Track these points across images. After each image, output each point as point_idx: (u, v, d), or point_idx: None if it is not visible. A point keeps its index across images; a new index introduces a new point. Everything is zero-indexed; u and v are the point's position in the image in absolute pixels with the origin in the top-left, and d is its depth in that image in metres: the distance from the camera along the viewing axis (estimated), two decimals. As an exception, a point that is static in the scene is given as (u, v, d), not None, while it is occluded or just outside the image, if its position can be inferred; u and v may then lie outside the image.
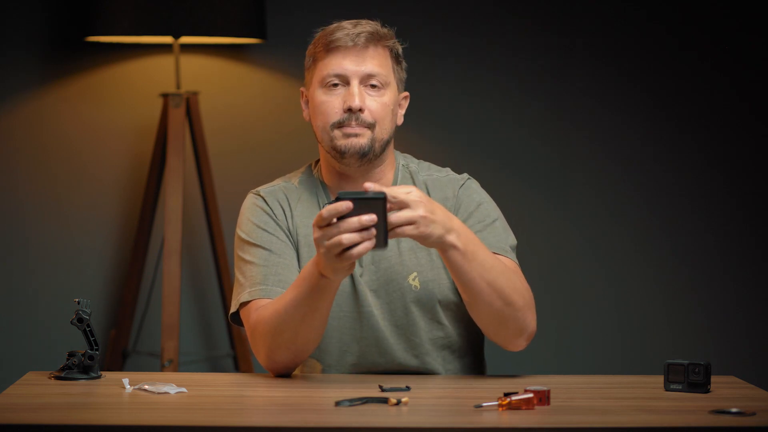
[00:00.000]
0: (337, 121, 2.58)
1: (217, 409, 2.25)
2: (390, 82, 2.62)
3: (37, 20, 4.29)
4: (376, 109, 2.59)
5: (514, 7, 4.42)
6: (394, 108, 2.64)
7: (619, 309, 4.46)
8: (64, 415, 2.18)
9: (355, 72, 2.59)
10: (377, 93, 2.60)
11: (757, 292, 4.49)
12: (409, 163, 2.71)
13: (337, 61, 2.59)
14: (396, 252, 2.62)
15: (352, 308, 2.61)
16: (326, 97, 2.60)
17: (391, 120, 2.62)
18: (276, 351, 2.49)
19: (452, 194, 2.65)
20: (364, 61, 2.59)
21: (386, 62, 2.62)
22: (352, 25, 2.61)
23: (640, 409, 2.26)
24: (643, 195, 4.47)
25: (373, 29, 2.61)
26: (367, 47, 2.60)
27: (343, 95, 2.58)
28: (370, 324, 2.60)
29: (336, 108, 2.58)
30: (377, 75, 2.60)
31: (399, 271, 2.61)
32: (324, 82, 2.60)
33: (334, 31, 2.61)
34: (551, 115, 4.44)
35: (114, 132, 4.35)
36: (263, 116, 4.38)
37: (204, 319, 4.42)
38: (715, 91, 4.47)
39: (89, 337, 2.48)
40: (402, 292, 2.60)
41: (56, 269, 4.34)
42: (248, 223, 2.64)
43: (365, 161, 2.60)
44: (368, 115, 2.58)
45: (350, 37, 2.59)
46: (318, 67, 2.62)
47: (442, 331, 2.63)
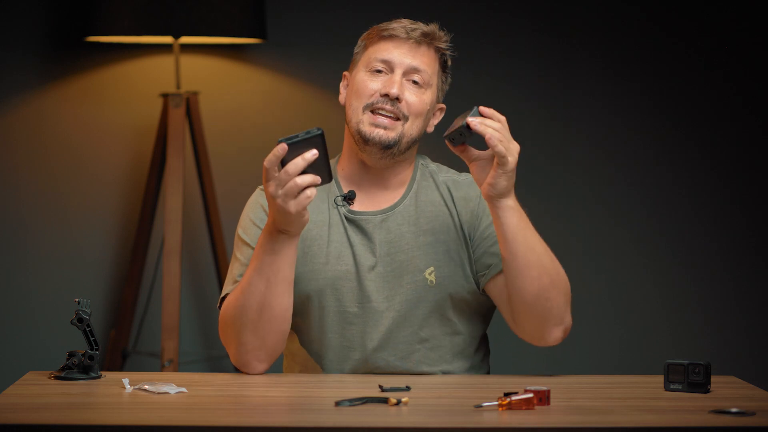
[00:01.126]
0: (370, 103, 2.59)
1: (217, 409, 2.25)
2: (432, 84, 2.63)
3: (37, 20, 4.29)
4: (414, 103, 2.60)
5: (513, 7, 4.42)
6: (430, 111, 2.64)
7: (618, 309, 4.47)
8: (64, 415, 2.18)
9: (401, 62, 2.60)
10: (418, 89, 2.61)
11: (757, 292, 4.49)
12: (428, 164, 2.72)
13: (388, 48, 2.61)
14: (414, 245, 2.62)
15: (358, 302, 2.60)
16: (367, 79, 2.61)
17: (424, 121, 2.63)
18: (243, 333, 2.49)
19: (475, 194, 2.66)
20: (413, 55, 2.61)
21: (433, 64, 2.64)
22: (409, 21, 2.64)
23: (640, 409, 2.26)
24: (643, 195, 4.47)
25: (430, 29, 2.64)
26: (420, 44, 2.62)
27: (384, 81, 2.59)
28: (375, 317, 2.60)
29: (373, 89, 2.59)
30: (422, 72, 2.61)
31: (416, 264, 2.61)
32: (369, 65, 2.61)
33: (391, 22, 2.64)
34: (550, 116, 4.44)
35: (114, 132, 4.35)
36: (263, 116, 4.38)
37: (204, 319, 4.42)
38: (715, 92, 4.47)
39: (89, 337, 2.48)
40: (416, 285, 2.60)
41: (56, 269, 4.34)
42: (245, 219, 2.64)
43: (387, 154, 2.60)
44: (405, 107, 2.59)
45: (406, 30, 2.62)
46: (368, 51, 2.64)
47: (451, 328, 2.63)
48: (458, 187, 2.67)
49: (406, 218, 2.63)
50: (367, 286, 2.60)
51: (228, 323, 2.52)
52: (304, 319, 2.63)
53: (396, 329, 2.60)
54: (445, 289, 2.61)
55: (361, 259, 2.60)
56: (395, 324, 2.60)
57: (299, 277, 2.60)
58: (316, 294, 2.60)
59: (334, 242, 2.62)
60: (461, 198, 2.65)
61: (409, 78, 2.60)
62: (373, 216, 2.63)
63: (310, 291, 2.60)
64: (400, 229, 2.62)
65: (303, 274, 2.60)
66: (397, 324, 2.60)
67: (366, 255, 2.61)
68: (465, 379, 2.60)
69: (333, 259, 2.61)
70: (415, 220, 2.63)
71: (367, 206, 2.65)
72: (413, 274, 2.61)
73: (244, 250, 2.61)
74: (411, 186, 2.67)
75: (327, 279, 2.60)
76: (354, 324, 2.60)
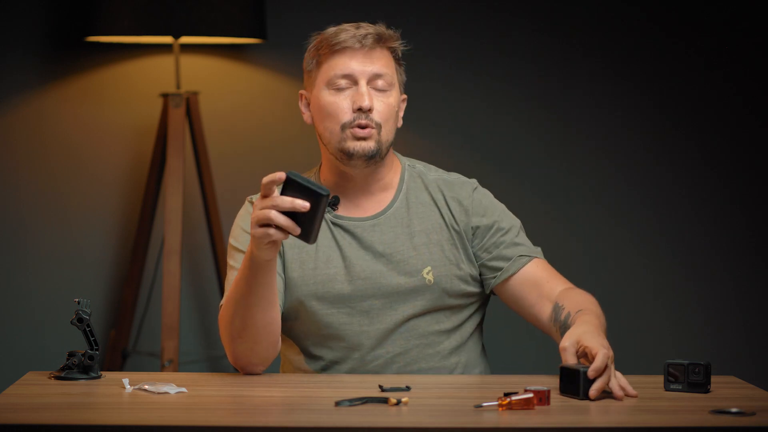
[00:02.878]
0: (348, 121, 2.58)
1: (217, 409, 2.25)
2: (394, 84, 2.63)
3: (37, 20, 4.29)
4: (383, 110, 2.60)
5: (513, 8, 4.42)
6: (397, 110, 2.65)
7: (619, 309, 4.46)
8: (64, 415, 2.18)
9: (363, 72, 2.59)
10: (383, 95, 2.61)
11: (757, 292, 4.49)
12: (414, 164, 2.73)
13: (344, 61, 2.59)
14: (409, 246, 2.64)
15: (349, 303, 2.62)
16: (333, 98, 2.59)
17: (395, 122, 2.64)
18: (233, 341, 2.51)
19: (467, 195, 2.68)
20: (371, 61, 2.60)
21: (390, 63, 2.63)
22: (354, 28, 2.61)
23: (640, 409, 2.26)
24: (643, 195, 4.47)
25: (378, 31, 2.61)
26: (374, 48, 2.61)
27: (352, 95, 2.58)
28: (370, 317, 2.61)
29: (345, 108, 2.58)
30: (384, 75, 2.61)
31: (414, 264, 2.63)
32: (331, 83, 2.59)
33: (337, 33, 2.61)
34: (550, 116, 4.44)
35: (114, 132, 4.35)
36: (263, 116, 4.38)
37: (204, 319, 4.42)
38: (715, 92, 4.47)
39: (89, 337, 2.48)
40: (414, 284, 2.62)
41: (56, 269, 4.34)
42: (237, 229, 2.65)
43: (371, 163, 2.61)
44: (376, 115, 2.59)
45: (357, 39, 2.59)
46: (323, 68, 2.61)
47: (447, 326, 2.65)
48: (450, 187, 2.69)
49: (399, 221, 2.65)
50: (360, 287, 2.61)
51: (221, 330, 2.55)
52: (298, 323, 2.65)
53: (393, 328, 2.62)
54: (443, 287, 2.63)
55: (351, 261, 2.61)
56: (392, 323, 2.61)
57: (292, 282, 2.62)
58: (306, 298, 2.62)
59: (322, 247, 2.63)
60: (453, 198, 2.68)
61: (373, 86, 2.60)
62: (362, 222, 2.64)
63: (300, 295, 2.63)
64: (394, 231, 2.64)
65: (294, 280, 2.63)
66: (394, 323, 2.62)
67: (357, 257, 2.62)
68: (465, 379, 2.61)
69: (322, 264, 2.62)
70: (407, 222, 2.65)
71: (354, 213, 2.66)
72: (410, 275, 2.62)
73: (237, 257, 2.62)
74: (400, 189, 2.68)
75: (317, 283, 2.62)
76: (349, 325, 2.61)
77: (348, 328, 2.62)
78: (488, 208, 2.68)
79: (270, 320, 2.49)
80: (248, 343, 2.51)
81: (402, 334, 2.63)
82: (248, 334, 2.49)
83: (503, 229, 2.67)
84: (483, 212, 2.67)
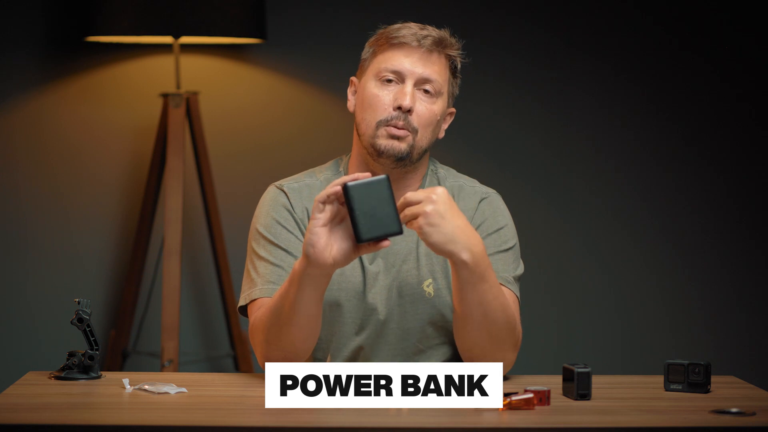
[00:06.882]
0: (385, 118, 2.54)
1: (217, 409, 2.25)
2: (443, 93, 2.59)
3: (37, 20, 4.29)
4: (423, 114, 2.56)
5: (513, 7, 4.42)
6: (441, 119, 2.60)
7: (619, 309, 4.47)
8: (64, 415, 2.18)
9: (413, 72, 2.55)
10: (429, 99, 2.56)
11: (757, 292, 4.49)
12: (438, 169, 2.68)
13: (398, 57, 2.56)
14: (415, 256, 2.60)
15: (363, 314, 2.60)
16: (378, 91, 2.55)
17: (434, 130, 2.59)
18: (268, 348, 2.47)
19: (473, 205, 2.63)
20: (424, 64, 2.56)
21: (444, 72, 2.59)
22: (419, 27, 2.58)
23: (640, 409, 2.26)
24: (643, 195, 4.47)
25: (440, 35, 2.58)
26: (431, 52, 2.57)
27: (395, 93, 2.55)
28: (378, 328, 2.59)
29: (386, 104, 2.54)
30: (433, 82, 2.57)
31: (416, 275, 2.59)
32: (379, 75, 2.56)
33: (400, 28, 2.58)
34: (551, 116, 4.44)
35: (114, 132, 4.35)
36: (263, 116, 4.38)
37: (204, 319, 4.42)
38: (715, 93, 4.47)
39: (89, 337, 2.48)
40: (414, 297, 2.58)
41: (56, 269, 4.34)
42: (268, 218, 2.59)
43: (400, 165, 2.57)
44: (414, 119, 2.55)
45: (416, 37, 2.56)
46: (376, 59, 2.58)
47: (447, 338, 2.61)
48: (459, 195, 2.65)
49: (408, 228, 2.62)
50: (373, 298, 2.59)
51: (255, 334, 2.50)
52: None
53: (396, 341, 2.59)
54: (443, 300, 2.59)
55: (368, 271, 2.59)
56: (395, 337, 2.59)
57: None
58: (329, 305, 2.58)
59: None
60: (460, 207, 2.61)
61: (420, 87, 2.56)
62: None
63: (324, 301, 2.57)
64: (404, 239, 2.61)
65: None
66: (396, 336, 2.59)
67: (372, 266, 2.59)
68: (465, 379, 2.60)
69: (348, 270, 2.59)
70: None
71: None
72: (412, 286, 2.59)
73: (272, 249, 2.57)
74: None
75: (341, 290, 2.58)
76: (359, 335, 2.59)
77: (357, 339, 2.58)
78: (488, 219, 2.62)
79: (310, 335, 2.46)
80: (283, 351, 2.46)
81: (404, 347, 2.59)
82: (286, 344, 2.45)
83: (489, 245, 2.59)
84: (481, 221, 2.62)
